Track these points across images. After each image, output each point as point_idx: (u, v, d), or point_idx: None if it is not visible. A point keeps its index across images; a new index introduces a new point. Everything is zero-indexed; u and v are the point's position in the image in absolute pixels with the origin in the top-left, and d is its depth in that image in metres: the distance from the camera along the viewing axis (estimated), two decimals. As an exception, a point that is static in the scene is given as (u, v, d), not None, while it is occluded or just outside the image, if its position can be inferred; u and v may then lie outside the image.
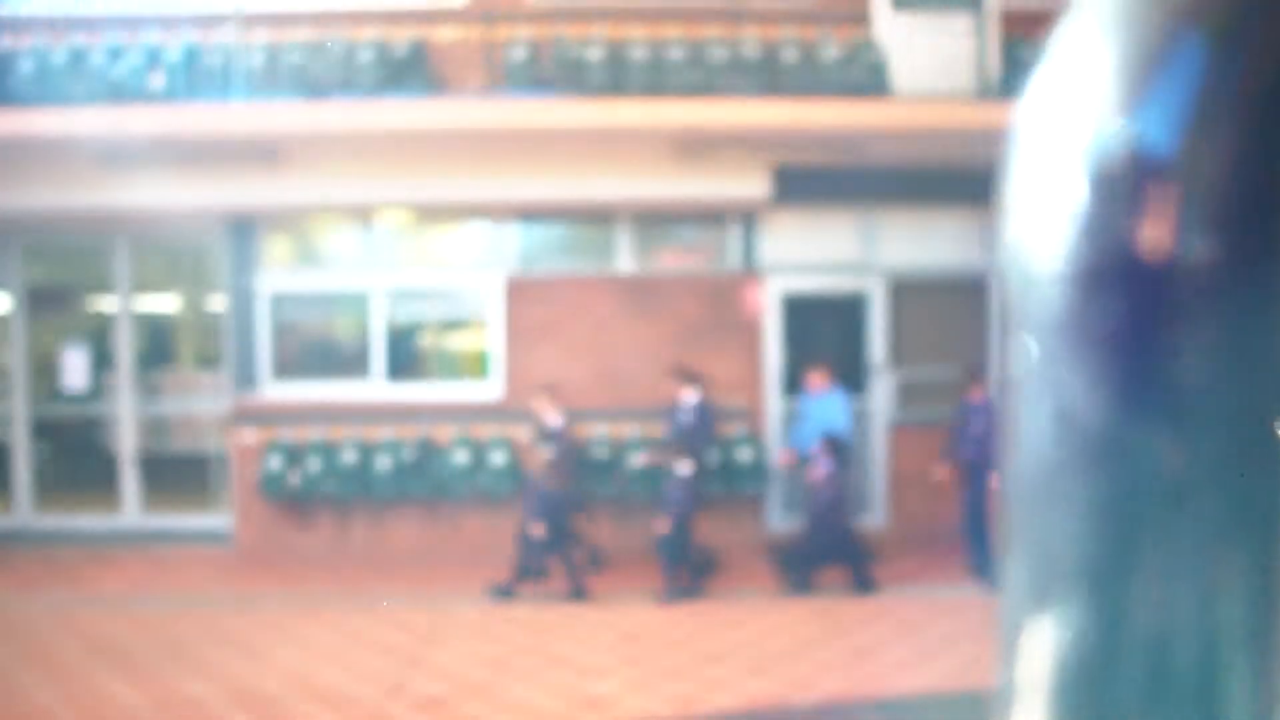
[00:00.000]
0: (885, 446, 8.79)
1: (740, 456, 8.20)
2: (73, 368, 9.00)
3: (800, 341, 9.00)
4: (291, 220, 8.81)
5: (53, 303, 9.67)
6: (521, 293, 8.64)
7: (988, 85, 7.46)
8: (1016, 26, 7.93)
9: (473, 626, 6.37)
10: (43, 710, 5.03)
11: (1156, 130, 0.32)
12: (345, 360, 9.18)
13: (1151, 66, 0.32)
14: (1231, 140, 0.32)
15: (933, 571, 7.37)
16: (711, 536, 8.44)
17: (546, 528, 6.91)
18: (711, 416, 7.38)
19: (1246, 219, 0.31)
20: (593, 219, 8.73)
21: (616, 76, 7.48)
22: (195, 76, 7.38)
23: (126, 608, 6.82)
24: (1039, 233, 0.35)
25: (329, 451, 8.41)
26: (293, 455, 8.41)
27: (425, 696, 5.19)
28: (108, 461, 9.39)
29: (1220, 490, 0.32)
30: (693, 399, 7.39)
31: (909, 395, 8.71)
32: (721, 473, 8.20)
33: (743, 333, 8.70)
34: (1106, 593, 0.34)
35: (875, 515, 8.83)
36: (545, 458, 6.99)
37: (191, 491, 9.34)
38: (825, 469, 7.11)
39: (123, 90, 7.34)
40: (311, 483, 8.28)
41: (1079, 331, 0.34)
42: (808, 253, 8.81)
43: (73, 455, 9.76)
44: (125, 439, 9.01)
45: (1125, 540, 0.33)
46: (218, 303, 9.30)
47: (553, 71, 7.53)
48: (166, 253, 9.79)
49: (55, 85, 7.41)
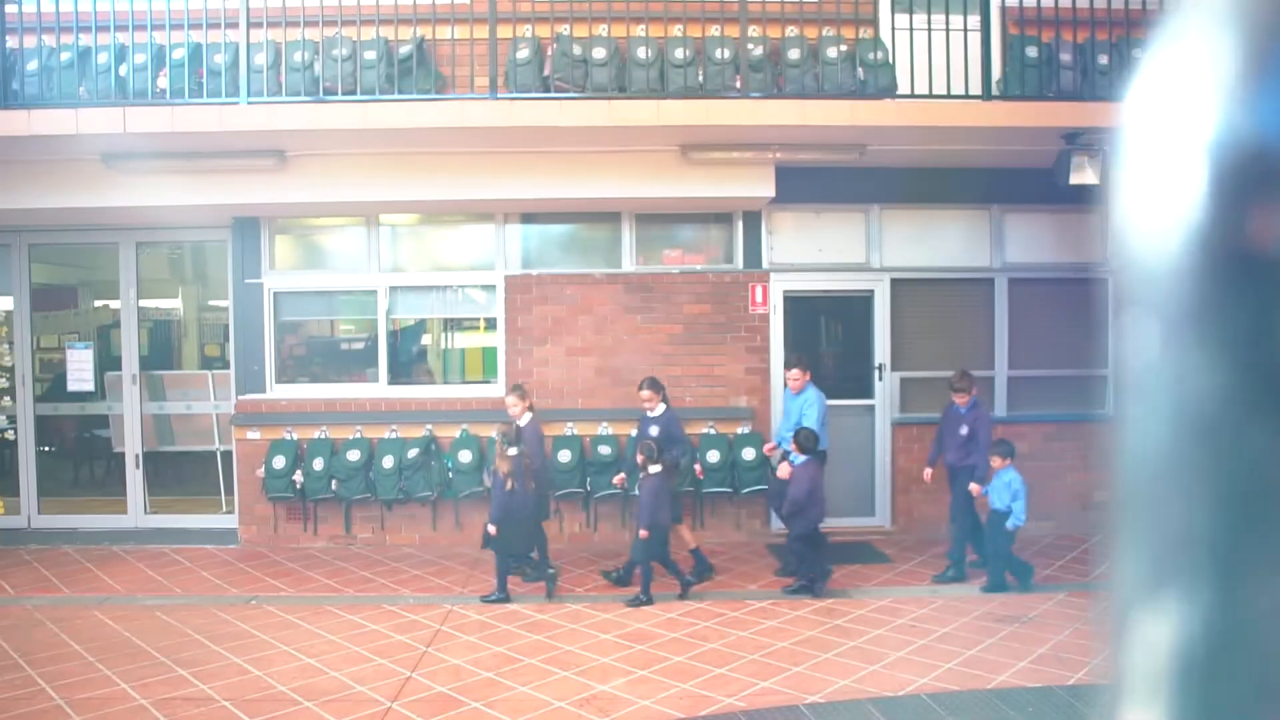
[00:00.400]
0: (888, 446, 8.79)
1: (745, 456, 8.20)
2: (78, 367, 9.02)
3: (803, 341, 9.01)
4: (296, 220, 8.83)
5: (58, 302, 9.69)
6: (524, 292, 8.65)
7: (991, 85, 7.44)
8: (1019, 26, 7.94)
9: (477, 626, 6.37)
10: (49, 710, 5.04)
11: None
12: (349, 360, 9.20)
13: (1272, 56, 0.32)
14: None
15: (937, 571, 7.36)
16: (715, 537, 8.47)
17: (512, 529, 6.88)
18: (678, 425, 7.38)
19: None
20: (596, 218, 8.75)
21: (620, 75, 7.48)
22: (201, 76, 7.38)
23: (131, 607, 6.82)
24: (1159, 226, 0.35)
25: (333, 451, 8.43)
26: (297, 455, 8.43)
27: (430, 696, 5.20)
28: (112, 461, 9.43)
29: None
30: (659, 409, 7.38)
31: (912, 394, 8.71)
32: (726, 473, 8.21)
33: (746, 332, 8.70)
34: (1228, 586, 0.34)
35: (879, 515, 8.83)
36: (512, 457, 6.91)
37: (196, 491, 9.37)
38: (794, 466, 7.09)
39: (128, 90, 7.34)
40: (315, 482, 8.30)
41: (1203, 324, 0.34)
42: (811, 252, 8.82)
43: (77, 455, 9.80)
44: (130, 438, 9.03)
45: (1248, 533, 0.34)
46: (223, 302, 9.33)
47: (556, 70, 7.53)
48: (172, 253, 9.82)
49: (60, 85, 7.42)
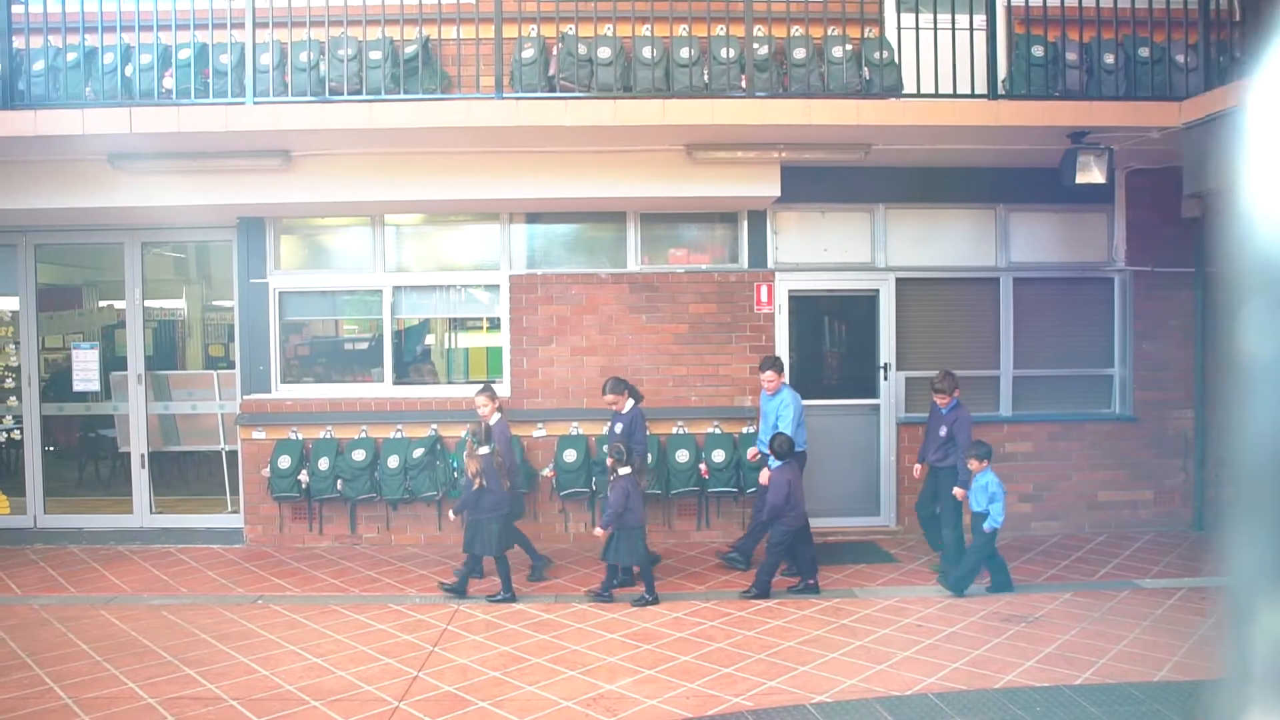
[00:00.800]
0: (893, 446, 8.79)
1: (750, 456, 8.18)
2: (83, 367, 9.04)
3: (808, 341, 9.01)
4: (301, 220, 8.84)
5: (63, 302, 9.71)
6: (529, 291, 8.66)
7: (997, 84, 7.43)
8: (1025, 25, 7.93)
9: (484, 626, 6.38)
10: (57, 709, 5.05)
11: None
12: (354, 360, 9.21)
13: None
14: None
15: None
16: (721, 536, 8.48)
17: (481, 529, 6.86)
18: (640, 425, 7.40)
19: None
20: (601, 218, 8.75)
21: (625, 75, 7.49)
22: (206, 77, 7.39)
23: (137, 607, 6.84)
24: None
25: (338, 451, 8.44)
26: (302, 454, 8.45)
27: (438, 695, 5.20)
28: (118, 461, 9.45)
29: None
30: (628, 406, 7.40)
31: (917, 394, 8.70)
32: (731, 472, 8.20)
33: (752, 332, 8.71)
34: None
35: (884, 515, 8.83)
36: (482, 456, 6.91)
37: (201, 491, 9.40)
38: (771, 470, 7.04)
39: (134, 90, 7.35)
40: (321, 482, 8.32)
41: None
42: (816, 252, 8.82)
43: (83, 455, 9.82)
44: (135, 438, 9.05)
45: None
46: (227, 302, 9.35)
47: (561, 70, 7.53)
48: (177, 253, 9.83)
49: (66, 85, 7.43)
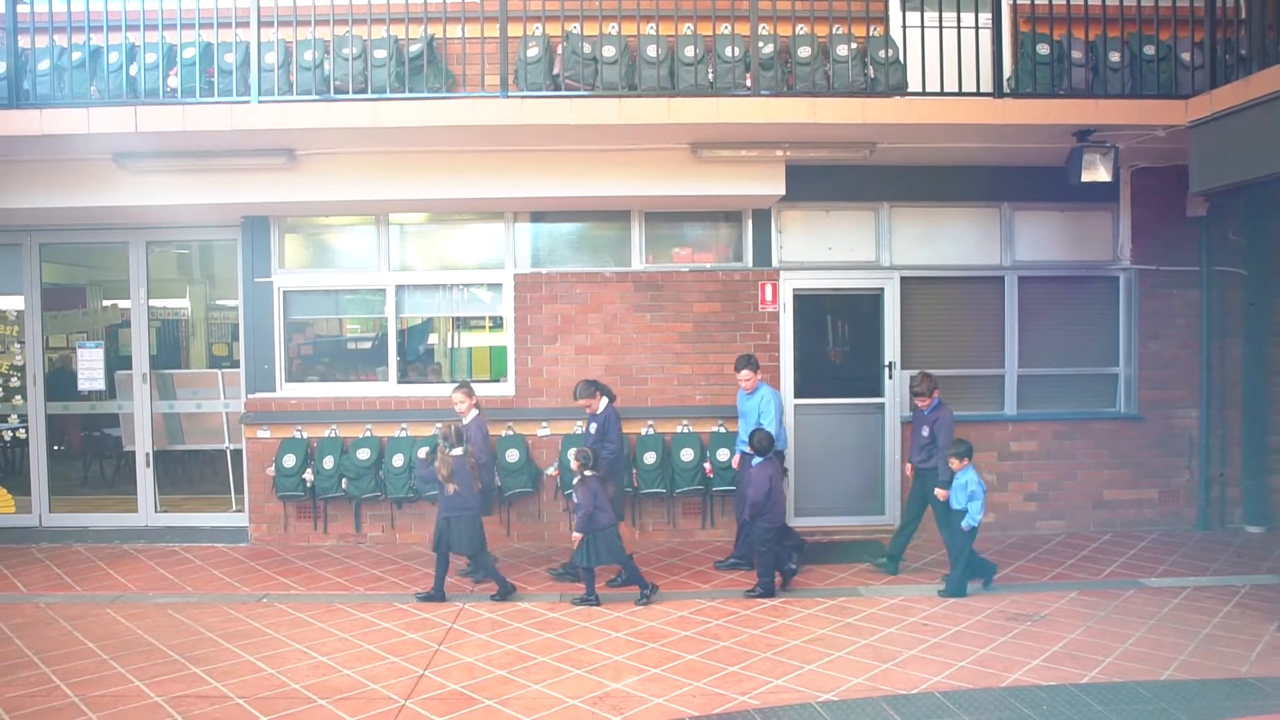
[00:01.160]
0: (898, 444, 8.77)
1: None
2: (88, 366, 9.05)
3: (813, 339, 8.99)
4: (306, 219, 8.84)
5: (67, 302, 9.72)
6: (534, 290, 8.66)
7: (1002, 82, 7.42)
8: (1030, 23, 7.91)
9: (489, 624, 6.38)
10: (64, 707, 5.06)
11: None
12: (359, 358, 9.22)
13: None
14: None
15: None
16: (726, 535, 8.47)
17: (450, 526, 6.85)
18: (614, 424, 7.38)
19: None
20: (606, 217, 8.75)
21: (630, 74, 7.48)
22: (211, 76, 7.39)
23: (143, 605, 6.85)
24: None
25: (343, 449, 8.45)
26: (307, 453, 8.45)
27: (444, 694, 5.20)
28: (123, 460, 9.46)
29: None
30: (602, 406, 7.40)
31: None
32: (736, 471, 8.18)
33: (756, 330, 8.70)
34: None
35: (888, 514, 8.82)
36: (455, 457, 6.89)
37: (206, 490, 9.40)
38: (752, 468, 7.00)
39: (139, 90, 7.35)
40: (325, 480, 8.33)
41: None
42: (821, 250, 8.81)
43: (88, 454, 9.83)
44: (140, 437, 9.05)
45: None
46: (231, 302, 9.35)
47: (566, 69, 7.53)
48: (182, 252, 9.84)
49: (72, 85, 7.43)
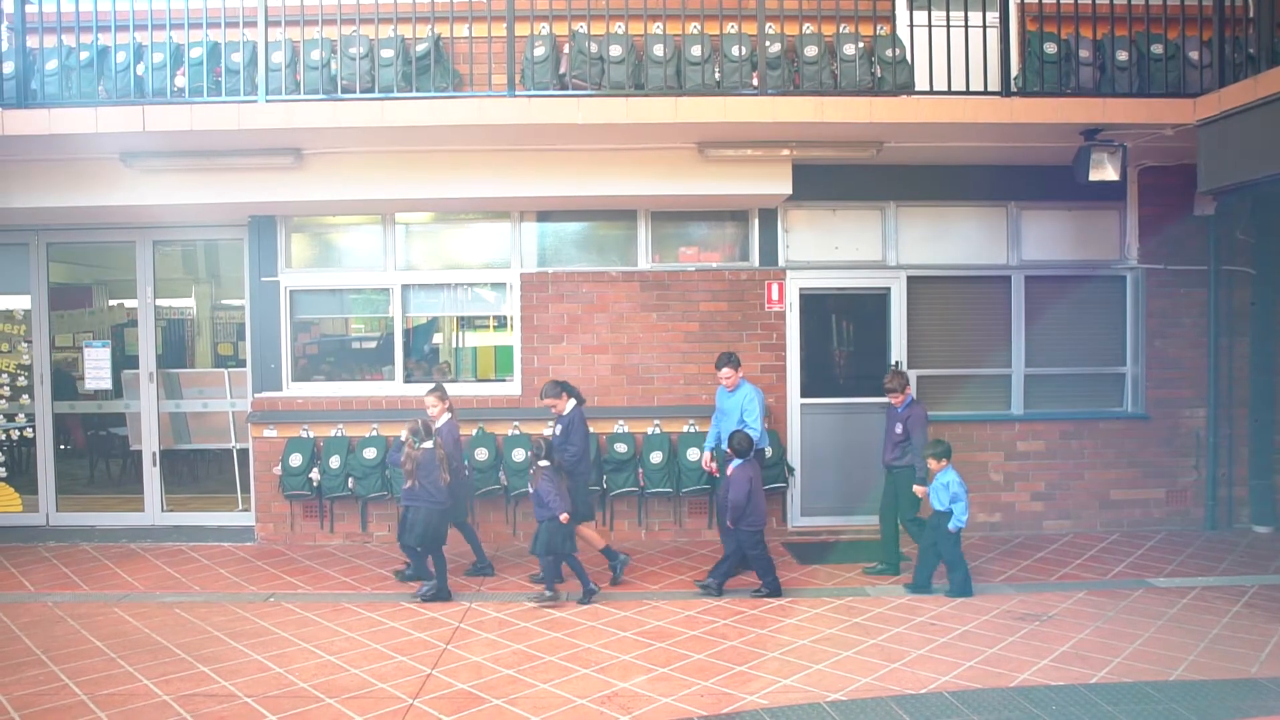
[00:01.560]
0: (905, 444, 8.75)
1: (760, 454, 8.18)
2: (95, 365, 9.07)
3: (820, 339, 8.99)
4: (313, 219, 8.85)
5: (73, 301, 9.75)
6: (540, 290, 8.66)
7: (1009, 81, 7.40)
8: (1037, 22, 7.90)
9: (496, 624, 6.38)
10: (73, 705, 5.06)
11: None
12: (365, 358, 9.23)
13: None
14: None
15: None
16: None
17: (421, 527, 6.86)
18: (577, 427, 7.32)
19: None
20: (612, 216, 8.74)
21: (636, 73, 7.48)
22: (219, 75, 7.40)
23: (150, 604, 6.86)
24: None
25: (349, 449, 8.46)
26: (313, 452, 8.46)
27: (452, 693, 5.20)
28: (129, 459, 9.47)
29: None
30: (569, 408, 7.36)
31: (929, 392, 8.66)
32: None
33: (763, 330, 8.69)
34: None
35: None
36: (422, 451, 6.86)
37: (212, 489, 9.42)
38: (732, 469, 6.96)
39: (147, 89, 7.36)
40: (332, 480, 8.33)
41: None
42: (827, 250, 8.80)
43: (94, 453, 9.85)
44: (147, 436, 9.07)
45: None
46: (237, 301, 9.36)
47: (573, 68, 7.52)
48: (188, 251, 9.85)
49: (80, 84, 7.44)
